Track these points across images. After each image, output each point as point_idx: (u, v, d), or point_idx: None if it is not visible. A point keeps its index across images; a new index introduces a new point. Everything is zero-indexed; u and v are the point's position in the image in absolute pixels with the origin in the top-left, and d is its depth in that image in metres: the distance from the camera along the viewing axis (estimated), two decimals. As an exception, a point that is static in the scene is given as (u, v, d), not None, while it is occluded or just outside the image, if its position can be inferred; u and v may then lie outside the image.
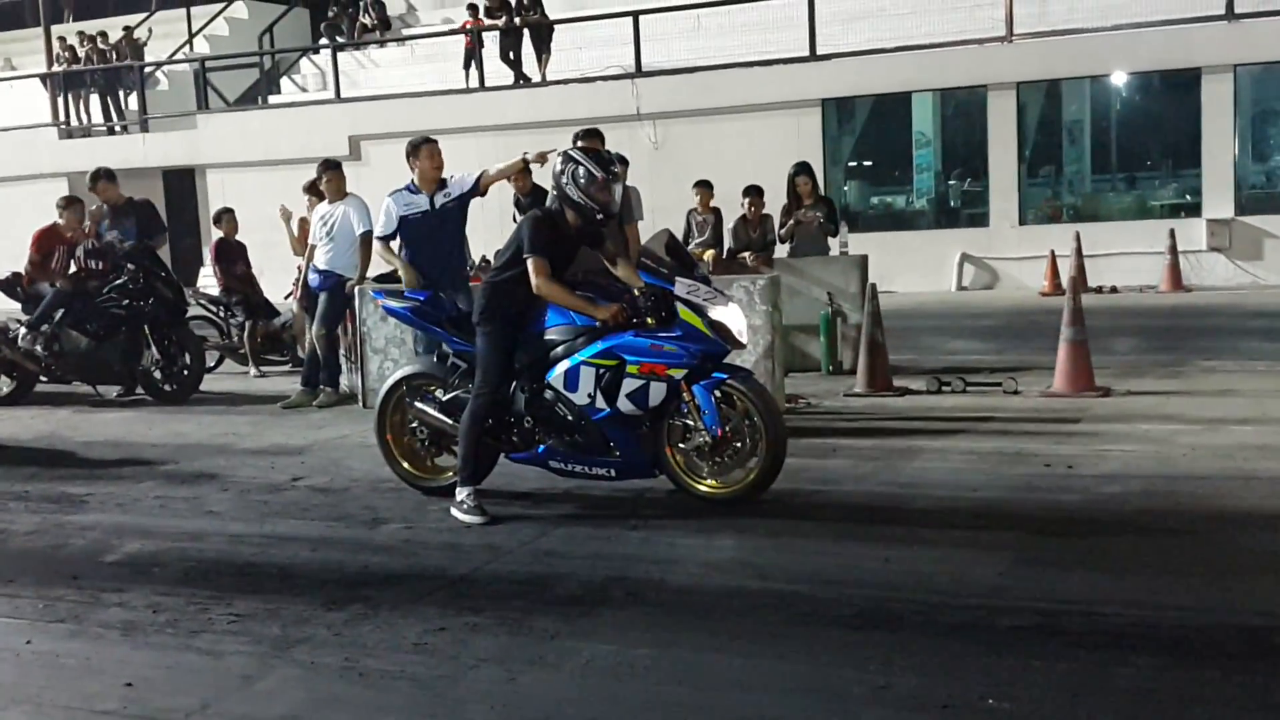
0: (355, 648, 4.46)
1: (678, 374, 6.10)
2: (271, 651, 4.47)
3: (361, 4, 25.75)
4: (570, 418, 6.27)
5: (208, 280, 14.54)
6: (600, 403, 6.17)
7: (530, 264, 6.15)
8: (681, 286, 6.13)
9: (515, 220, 10.75)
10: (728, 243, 11.75)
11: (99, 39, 25.74)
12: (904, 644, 4.26)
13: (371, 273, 10.01)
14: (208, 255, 14.09)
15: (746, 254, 11.28)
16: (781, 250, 11.61)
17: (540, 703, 3.95)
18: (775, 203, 11.68)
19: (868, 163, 20.53)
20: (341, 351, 10.37)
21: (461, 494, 6.26)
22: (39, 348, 10.87)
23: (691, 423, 6.18)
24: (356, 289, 9.81)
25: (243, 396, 10.98)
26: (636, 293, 6.13)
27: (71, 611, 5.05)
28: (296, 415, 9.77)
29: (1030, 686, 3.85)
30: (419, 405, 6.70)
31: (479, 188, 8.56)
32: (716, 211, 12.03)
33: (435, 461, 6.82)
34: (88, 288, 10.81)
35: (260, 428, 9.29)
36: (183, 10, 28.03)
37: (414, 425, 6.77)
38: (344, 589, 5.17)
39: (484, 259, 12.39)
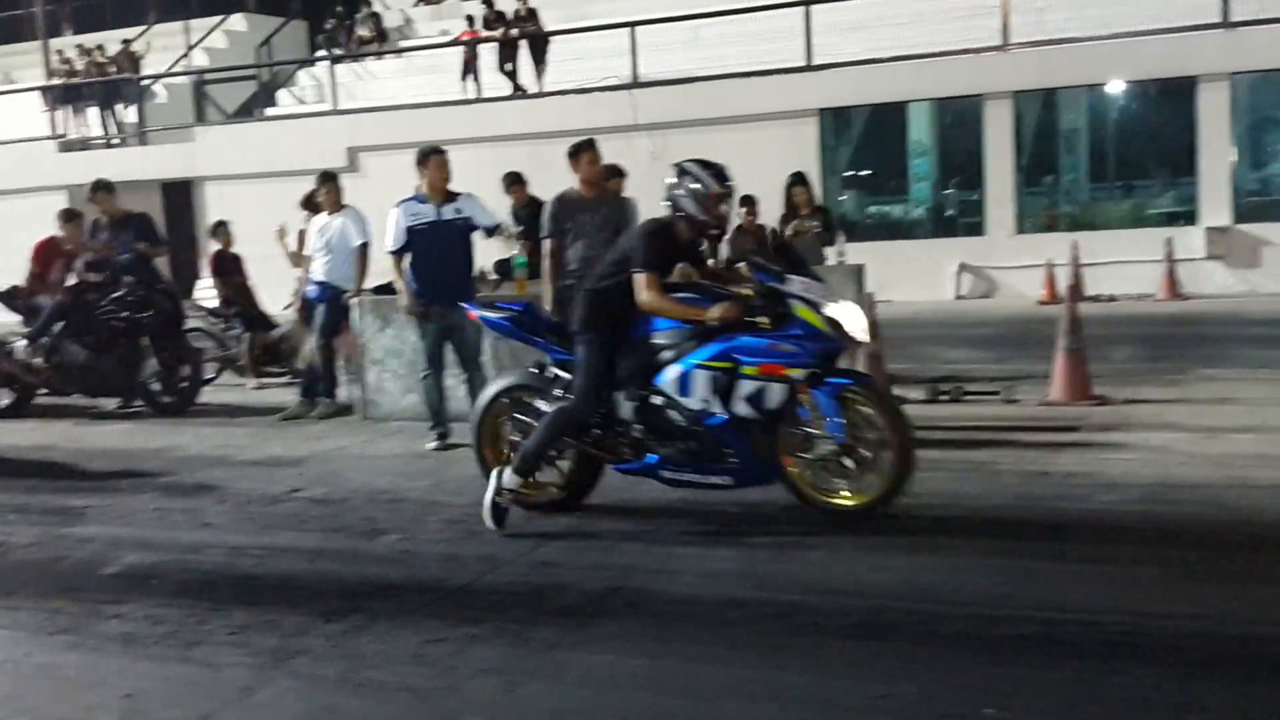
0: (354, 659, 4.46)
1: (797, 374, 5.91)
2: (270, 663, 4.47)
3: (358, 16, 25.82)
4: (684, 424, 6.10)
5: (206, 292, 14.55)
6: (715, 407, 5.99)
7: (639, 278, 6.03)
8: (796, 284, 5.99)
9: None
10: (724, 252, 11.74)
11: (97, 52, 25.78)
12: (903, 654, 4.28)
13: (370, 283, 10.02)
14: (205, 267, 14.11)
15: (743, 264, 11.28)
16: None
17: (539, 714, 3.95)
18: (772, 213, 11.69)
19: (865, 172, 20.54)
20: (339, 363, 10.38)
21: (512, 483, 6.18)
22: (38, 360, 10.87)
23: (814, 430, 5.97)
24: (354, 299, 9.82)
25: (241, 408, 10.98)
26: (747, 292, 6.05)
27: (71, 623, 5.06)
28: (295, 427, 9.77)
29: (1029, 696, 3.86)
30: (522, 418, 6.51)
31: (484, 232, 8.60)
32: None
33: (537, 477, 6.48)
34: (86, 300, 10.82)
35: (258, 439, 9.28)
36: (180, 23, 28.09)
37: (516, 439, 6.54)
38: (342, 600, 5.17)
39: (482, 271, 12.40)
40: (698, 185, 6.12)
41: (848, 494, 6.03)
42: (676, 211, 6.17)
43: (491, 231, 8.66)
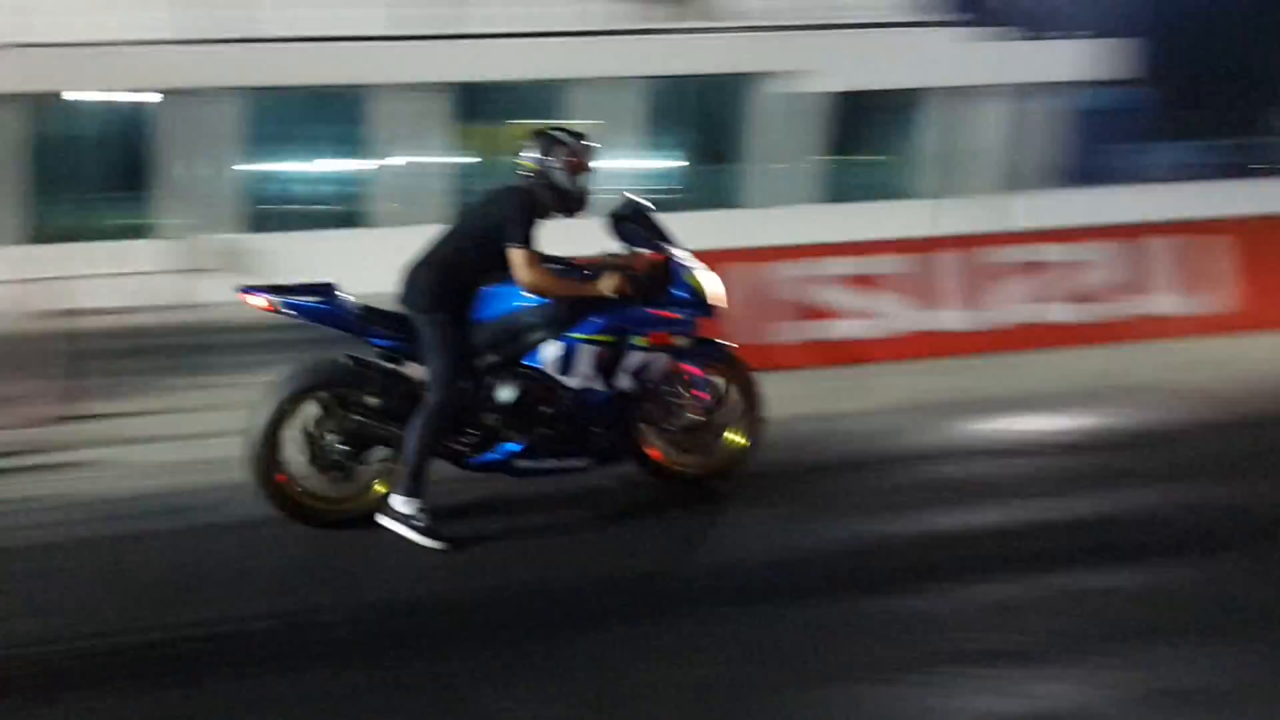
0: None
1: (683, 342, 5.95)
2: None
3: None
4: (554, 407, 5.77)
5: None
6: (599, 384, 5.81)
7: (517, 254, 5.54)
8: (676, 250, 5.98)
9: None
10: None
11: None
12: None
13: None
14: None
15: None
16: None
17: None
18: None
19: None
20: None
21: (411, 507, 5.50)
22: None
23: (680, 399, 6.07)
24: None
25: None
26: (627, 261, 5.93)
27: None
28: None
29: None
30: (356, 418, 5.70)
31: None
32: None
33: (346, 485, 5.80)
34: None
35: None
36: None
37: (327, 445, 5.71)
38: None
39: None
40: (567, 153, 5.76)
41: (704, 460, 6.23)
42: (543, 182, 5.72)
43: None
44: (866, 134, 21.17)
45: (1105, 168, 21.19)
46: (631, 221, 6.06)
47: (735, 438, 6.31)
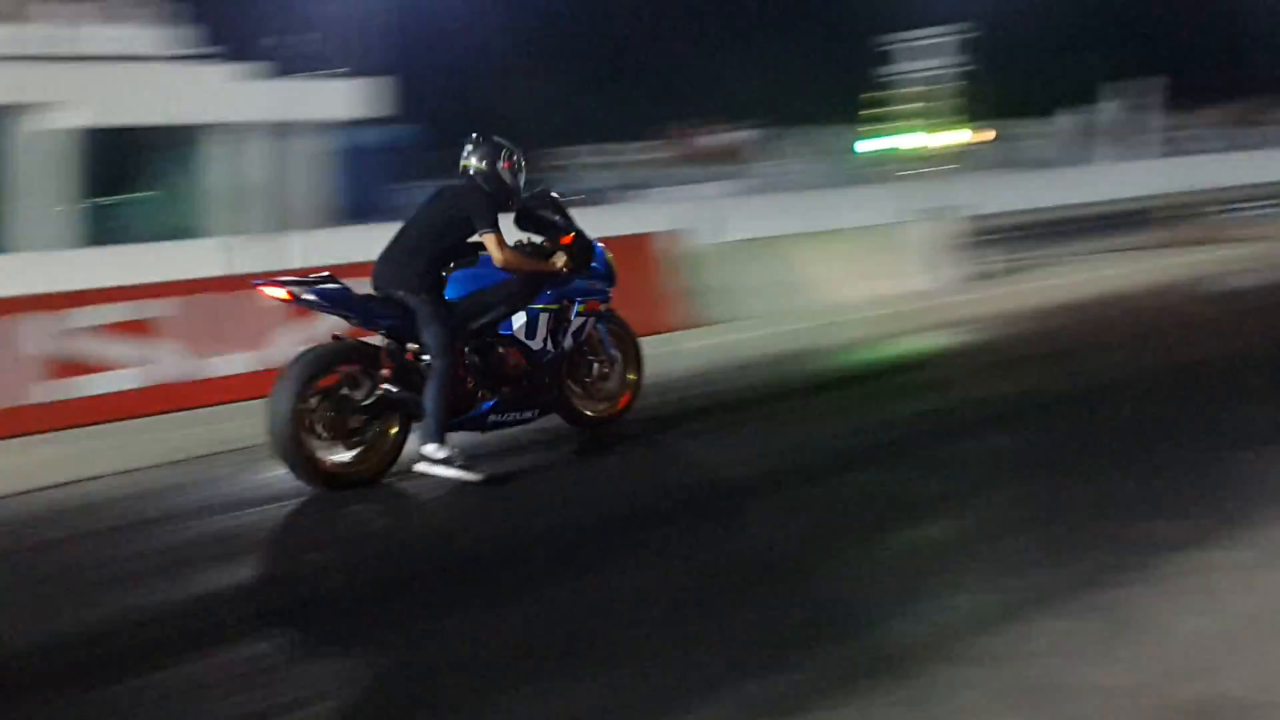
0: None
1: (604, 308, 7.26)
2: None
3: None
4: (523, 365, 6.85)
5: None
6: (550, 345, 6.96)
7: (491, 238, 6.53)
8: (586, 231, 7.08)
9: None
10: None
11: None
12: None
13: None
14: None
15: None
16: None
17: None
18: None
19: None
20: None
21: (444, 452, 6.37)
22: None
23: (596, 355, 7.34)
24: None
25: None
26: (554, 243, 6.97)
27: None
28: None
29: None
30: (382, 388, 6.44)
31: None
32: None
33: (362, 449, 6.51)
34: None
35: None
36: None
37: (351, 417, 6.39)
38: None
39: None
40: (515, 156, 6.80)
41: (608, 405, 7.45)
42: (492, 180, 6.73)
43: None
44: (137, 171, 20.14)
45: (374, 204, 21.74)
46: (545, 208, 6.98)
47: (630, 375, 7.60)
